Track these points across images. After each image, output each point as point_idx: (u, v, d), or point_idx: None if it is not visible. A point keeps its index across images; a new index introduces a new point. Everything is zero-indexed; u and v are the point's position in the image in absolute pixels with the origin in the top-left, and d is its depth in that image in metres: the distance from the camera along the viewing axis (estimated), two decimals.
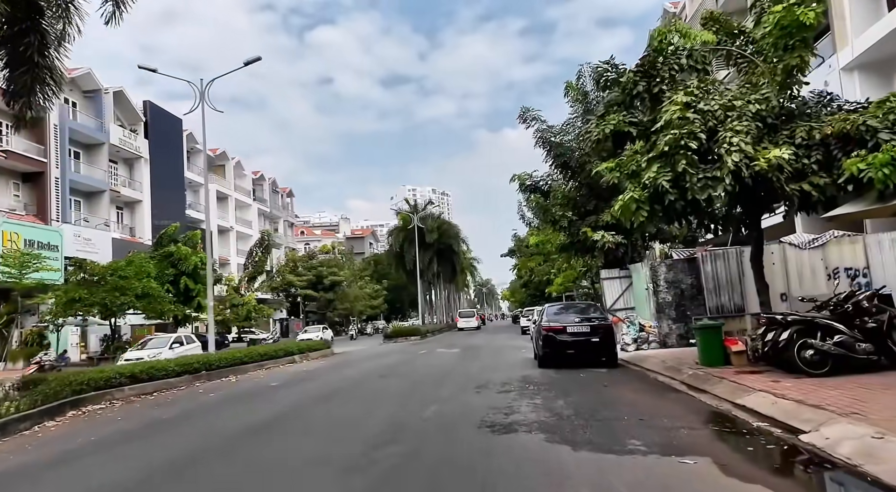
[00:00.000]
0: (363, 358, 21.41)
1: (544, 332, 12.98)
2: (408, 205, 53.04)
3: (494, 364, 15.24)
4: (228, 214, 59.34)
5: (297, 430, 7.34)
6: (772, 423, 6.10)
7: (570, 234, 20.09)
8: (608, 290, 19.34)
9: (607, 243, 18.26)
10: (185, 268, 33.61)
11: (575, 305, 15.23)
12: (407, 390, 10.58)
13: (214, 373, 15.74)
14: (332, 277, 58.80)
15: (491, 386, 10.40)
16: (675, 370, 10.39)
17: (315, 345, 24.75)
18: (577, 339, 12.71)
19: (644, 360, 12.82)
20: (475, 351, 21.62)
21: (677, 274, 14.91)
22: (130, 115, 44.83)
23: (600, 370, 12.29)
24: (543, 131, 19.57)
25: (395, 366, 16.53)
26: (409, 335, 36.41)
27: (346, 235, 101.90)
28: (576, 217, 19.56)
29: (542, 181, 20.60)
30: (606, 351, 12.83)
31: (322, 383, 13.05)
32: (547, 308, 13.97)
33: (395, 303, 77.42)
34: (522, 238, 42.95)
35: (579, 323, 12.80)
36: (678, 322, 14.79)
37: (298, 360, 21.81)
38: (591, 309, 13.91)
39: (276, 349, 20.72)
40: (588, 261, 21.57)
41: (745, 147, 8.62)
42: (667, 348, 14.60)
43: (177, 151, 49.64)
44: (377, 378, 13.18)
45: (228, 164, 60.14)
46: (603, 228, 18.79)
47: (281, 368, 18.77)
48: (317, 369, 16.98)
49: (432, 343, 30.61)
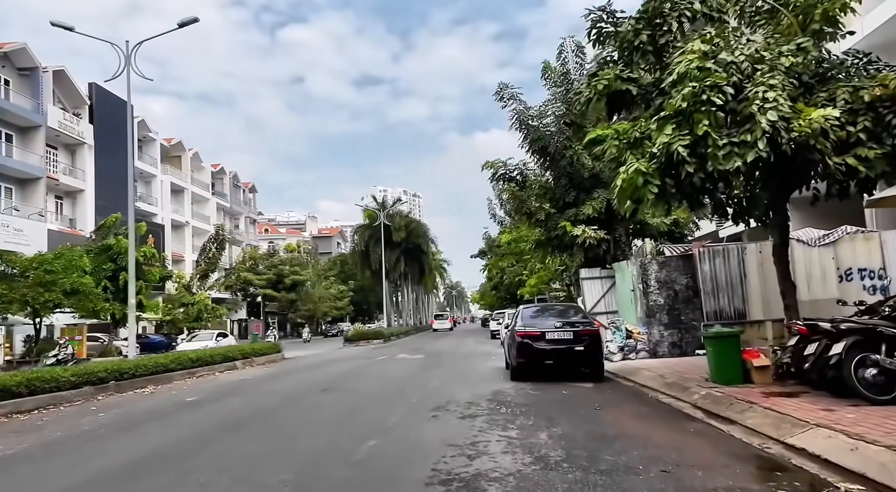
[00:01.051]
0: (313, 365, 19.03)
1: (519, 338, 10.88)
2: (375, 202, 50.61)
3: (460, 375, 13.10)
4: (184, 207, 55.95)
5: (160, 488, 5.01)
6: (865, 483, 4.07)
7: (547, 229, 18.10)
8: (588, 291, 17.38)
9: (588, 239, 16.33)
10: (125, 263, 30.57)
11: (554, 307, 13.18)
12: (345, 414, 8.33)
13: (127, 384, 13.21)
14: (294, 276, 55.93)
15: (452, 408, 8.23)
16: (680, 388, 8.39)
17: (263, 349, 22.22)
18: (557, 347, 10.64)
19: (635, 373, 10.83)
20: (439, 358, 19.44)
21: (671, 273, 13.00)
22: (73, 98, 41.43)
23: (585, 385, 10.24)
24: (521, 112, 17.53)
25: (344, 376, 14.24)
26: (371, 339, 34.03)
27: (312, 235, 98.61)
28: (554, 210, 17.58)
29: (516, 170, 18.55)
30: (592, 362, 10.80)
31: (247, 399, 10.68)
32: (522, 310, 11.87)
33: (362, 304, 74.75)
34: (494, 238, 41.08)
35: (560, 328, 10.73)
36: (671, 328, 12.86)
37: (240, 366, 19.30)
38: (572, 312, 11.86)
39: (213, 354, 18.18)
40: (566, 259, 19.59)
41: (783, 105, 6.66)
42: (658, 358, 12.66)
43: (125, 137, 46.09)
44: (317, 393, 10.88)
45: (185, 155, 56.76)
46: (584, 222, 16.87)
47: (216, 376, 16.29)
48: (253, 379, 14.57)
49: (395, 347, 28.33)
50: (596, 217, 16.84)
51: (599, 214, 16.72)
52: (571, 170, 17.33)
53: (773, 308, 12.15)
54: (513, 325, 11.85)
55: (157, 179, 51.81)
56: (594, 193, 17.10)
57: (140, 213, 48.38)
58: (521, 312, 11.83)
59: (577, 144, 16.74)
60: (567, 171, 17.51)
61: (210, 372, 17.04)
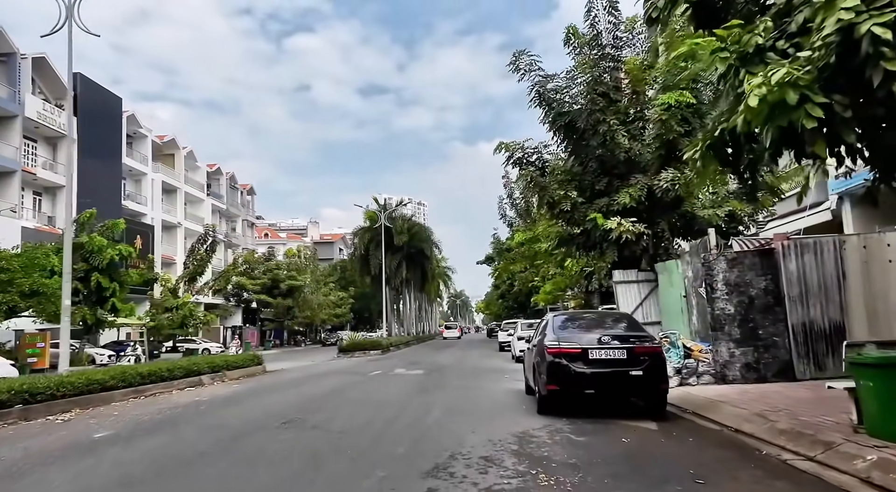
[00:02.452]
0: (293, 381, 16.05)
1: (550, 357, 7.91)
2: (376, 204, 47.76)
3: (467, 402, 10.11)
4: (176, 208, 53.31)
5: None
6: None
7: (572, 222, 15.16)
8: (623, 297, 14.41)
9: (625, 234, 13.37)
10: (97, 262, 27.80)
11: (595, 316, 10.06)
12: (289, 477, 5.36)
13: (43, 408, 10.28)
14: (291, 281, 53.05)
15: (459, 470, 5.26)
16: (814, 443, 5.39)
17: (239, 361, 19.27)
18: (604, 371, 7.66)
19: (712, 408, 7.82)
20: (442, 375, 16.44)
21: (744, 273, 9.99)
22: (55, 88, 38.87)
23: (646, 426, 7.26)
24: (541, 83, 14.65)
25: (322, 399, 11.26)
26: (367, 349, 31.03)
27: (314, 240, 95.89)
28: (581, 199, 14.65)
29: (535, 154, 15.63)
30: (653, 392, 7.82)
31: (173, 437, 7.73)
32: (552, 319, 8.87)
33: (363, 312, 71.80)
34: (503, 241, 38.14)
35: (608, 345, 7.74)
36: (744, 345, 9.83)
37: (208, 381, 16.35)
38: (621, 322, 8.85)
39: (172, 368, 15.22)
40: (593, 259, 16.60)
41: None
42: (728, 384, 9.65)
43: (113, 132, 43.66)
44: (273, 429, 7.91)
45: (178, 153, 54.17)
46: (618, 213, 13.93)
47: (170, 395, 13.36)
48: (210, 402, 11.60)
49: (393, 360, 25.33)
50: (633, 207, 13.89)
51: (638, 204, 13.77)
52: (604, 151, 14.40)
53: (881, 323, 9.16)
54: (539, 338, 8.87)
55: (148, 178, 49.19)
56: (631, 179, 14.15)
57: (128, 212, 45.69)
58: (552, 321, 8.84)
59: (611, 118, 13.84)
60: (598, 153, 14.60)
61: (167, 390, 14.11)
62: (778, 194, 14.47)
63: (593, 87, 13.93)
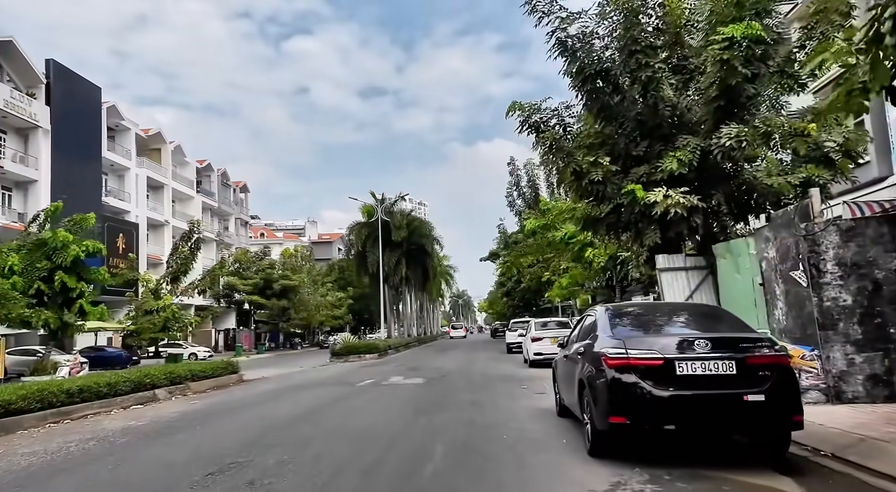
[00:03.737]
0: (264, 396, 13.26)
1: (613, 371, 5.10)
2: (374, 199, 44.90)
3: (481, 435, 7.30)
4: (163, 205, 50.61)
5: None
6: None
7: (600, 198, 12.36)
8: (669, 288, 11.60)
9: (673, 209, 10.57)
10: (61, 261, 25.01)
11: (670, 308, 7.09)
12: None
13: None
14: (284, 281, 50.28)
15: None
16: None
17: (209, 370, 16.50)
18: (702, 394, 4.87)
19: (865, 449, 5.03)
20: (446, 386, 13.63)
21: (865, 249, 7.18)
22: (25, 75, 36.18)
23: (777, 485, 4.48)
24: (562, 27, 11.85)
25: (283, 430, 8.46)
26: (363, 353, 28.23)
27: (312, 240, 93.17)
28: (615, 168, 11.85)
29: (554, 118, 12.81)
30: (777, 426, 5.02)
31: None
32: (606, 314, 6.01)
33: (363, 313, 69.04)
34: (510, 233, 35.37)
35: (706, 353, 4.94)
36: (868, 349, 7.01)
37: (165, 396, 13.61)
38: (715, 318, 6.03)
39: (117, 381, 12.43)
40: (626, 243, 13.76)
41: None
42: (847, 403, 6.86)
43: (92, 124, 40.89)
44: (188, 489, 5.13)
45: (165, 147, 51.48)
46: (662, 183, 11.14)
47: (104, 417, 10.61)
48: (138, 431, 8.79)
49: (390, 365, 22.55)
50: (680, 176, 11.08)
51: (689, 171, 10.94)
52: (643, 107, 11.60)
53: None
54: (587, 342, 6.06)
55: (132, 173, 46.48)
56: (677, 141, 11.34)
57: (110, 209, 42.97)
58: (605, 317, 6.01)
59: (655, 61, 11.02)
60: (636, 111, 11.79)
61: (105, 409, 11.38)
62: (857, 157, 11.63)
63: (632, 21, 11.10)
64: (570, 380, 6.68)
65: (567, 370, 6.99)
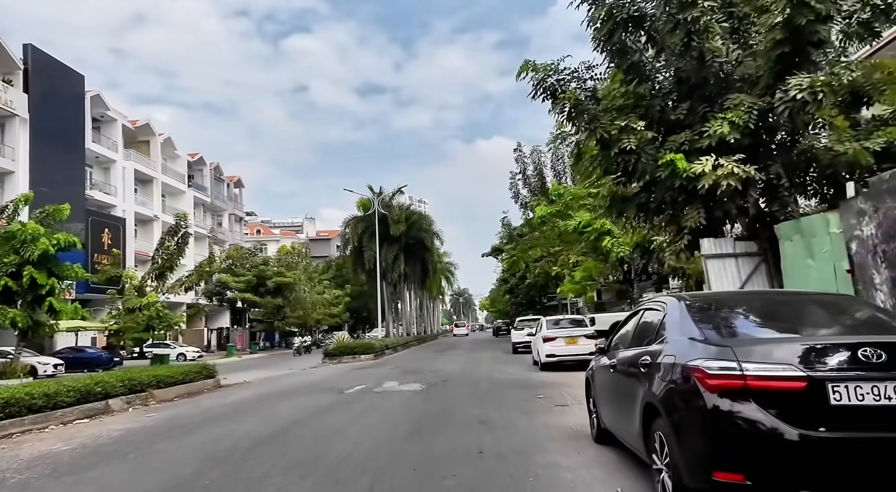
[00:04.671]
0: (235, 408, 11.31)
1: (717, 396, 3.19)
2: (371, 192, 42.89)
3: (492, 470, 5.37)
4: (152, 200, 48.66)
5: None
6: None
7: (630, 172, 10.40)
8: (716, 278, 9.66)
9: (724, 181, 8.65)
10: (29, 255, 23.06)
11: (793, 300, 4.80)
12: None
13: None
14: (279, 278, 48.29)
15: None
16: None
17: (177, 374, 14.55)
18: (878, 438, 2.94)
19: None
20: (447, 394, 11.68)
21: None
22: (3, 61, 34.18)
23: None
24: None
25: (242, 457, 6.50)
26: (358, 354, 26.29)
27: (310, 237, 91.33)
28: (650, 134, 9.88)
29: (574, 81, 10.82)
30: None
31: None
32: (681, 308, 4.00)
33: (361, 311, 67.02)
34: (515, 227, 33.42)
35: (882, 368, 3.02)
36: None
37: (121, 406, 11.68)
38: (863, 312, 4.09)
39: (56, 392, 10.47)
40: (660, 226, 11.76)
41: None
42: None
43: (74, 113, 38.88)
44: None
45: (154, 139, 49.50)
46: (709, 151, 9.20)
47: (34, 435, 8.69)
48: (47, 462, 6.83)
49: (386, 366, 20.61)
50: (731, 144, 9.13)
51: (744, 131, 8.96)
52: (686, 62, 9.63)
53: None
54: (656, 346, 4.12)
55: (118, 166, 44.52)
56: (725, 101, 9.36)
57: (94, 203, 41.02)
58: (681, 310, 4.07)
59: (705, 1, 9.04)
60: (676, 67, 9.84)
61: (38, 425, 9.47)
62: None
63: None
64: (623, 401, 4.73)
65: (616, 386, 5.04)
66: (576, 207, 17.14)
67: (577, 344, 15.66)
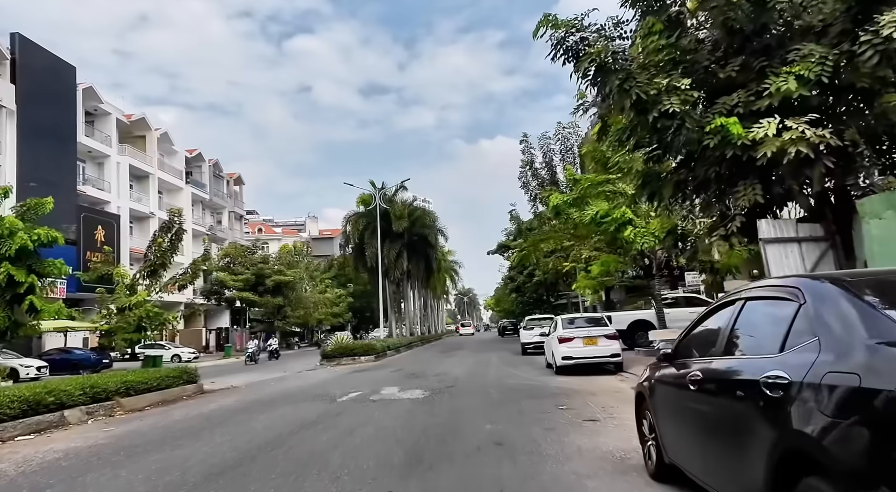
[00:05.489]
0: (211, 419, 9.77)
1: None
2: (373, 187, 41.35)
3: None
4: (149, 197, 47.28)
5: None
6: None
7: (667, 145, 8.80)
8: (776, 265, 8.04)
9: (793, 148, 7.06)
10: (6, 250, 21.64)
11: None
12: None
13: None
14: (278, 276, 46.83)
15: None
16: None
17: (152, 379, 13.01)
18: None
19: None
20: (455, 405, 10.08)
21: None
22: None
23: None
24: None
25: None
26: (358, 355, 24.73)
27: (312, 236, 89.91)
28: (696, 94, 8.27)
29: (600, 40, 9.21)
30: None
31: None
32: (839, 294, 2.64)
33: (365, 311, 65.57)
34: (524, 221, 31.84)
35: None
36: None
37: (78, 418, 10.17)
38: None
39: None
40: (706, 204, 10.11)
41: None
42: None
43: (66, 106, 37.49)
44: None
45: (150, 134, 48.08)
46: (770, 113, 7.59)
47: None
48: None
49: (387, 369, 19.05)
50: (798, 103, 7.52)
51: (813, 88, 7.35)
52: (737, 10, 8.01)
53: None
54: (790, 353, 2.56)
55: (112, 161, 43.12)
56: (790, 51, 7.74)
57: (87, 199, 39.60)
58: (838, 295, 2.54)
59: None
60: (725, 16, 8.21)
61: None
62: None
63: None
64: (719, 435, 3.15)
65: (703, 411, 3.44)
66: (593, 194, 15.52)
67: (596, 345, 14.10)
